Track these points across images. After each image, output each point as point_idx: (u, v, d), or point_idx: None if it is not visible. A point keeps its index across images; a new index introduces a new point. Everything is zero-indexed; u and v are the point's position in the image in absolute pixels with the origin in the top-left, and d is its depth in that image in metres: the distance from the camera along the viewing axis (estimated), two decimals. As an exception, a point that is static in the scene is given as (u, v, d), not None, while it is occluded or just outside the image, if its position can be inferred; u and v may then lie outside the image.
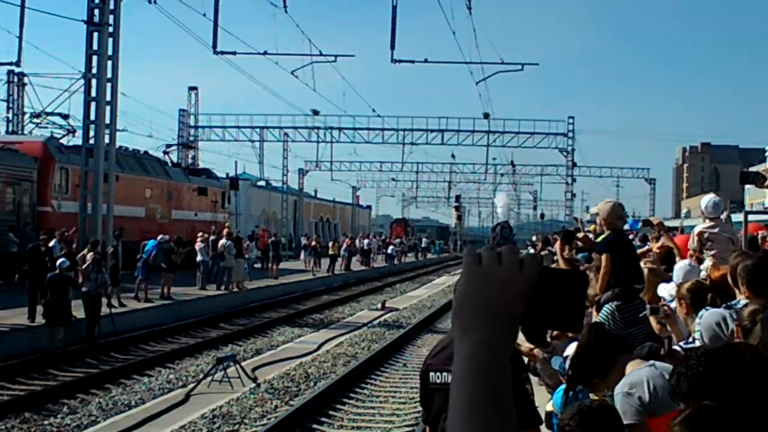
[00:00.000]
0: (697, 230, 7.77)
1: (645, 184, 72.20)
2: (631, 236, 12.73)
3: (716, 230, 7.59)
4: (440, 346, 4.14)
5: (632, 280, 6.74)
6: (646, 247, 10.91)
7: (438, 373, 3.89)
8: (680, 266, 6.43)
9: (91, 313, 16.81)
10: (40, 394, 12.29)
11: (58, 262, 15.96)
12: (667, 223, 10.84)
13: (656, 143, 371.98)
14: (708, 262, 7.25)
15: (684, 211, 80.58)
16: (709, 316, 4.16)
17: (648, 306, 5.26)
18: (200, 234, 27.17)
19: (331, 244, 41.81)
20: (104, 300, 17.65)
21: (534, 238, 33.01)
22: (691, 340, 4.41)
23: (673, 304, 5.23)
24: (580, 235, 9.64)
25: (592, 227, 15.37)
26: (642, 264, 7.32)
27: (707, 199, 7.95)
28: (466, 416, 1.04)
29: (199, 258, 26.04)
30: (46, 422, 10.83)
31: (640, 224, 11.78)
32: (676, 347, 4.33)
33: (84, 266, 17.11)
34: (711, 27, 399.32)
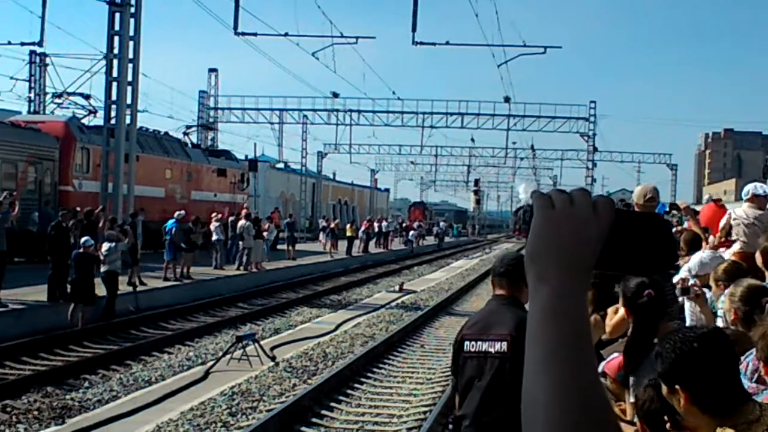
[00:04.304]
0: (742, 207, 7.53)
1: (666, 170, 71.58)
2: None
3: (760, 212, 7.38)
4: (475, 319, 4.45)
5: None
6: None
7: (473, 342, 4.19)
8: (699, 256, 6.20)
9: (111, 291, 16.94)
10: (62, 370, 12.45)
11: (83, 240, 16.03)
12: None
13: (678, 129, 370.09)
14: (736, 246, 7.17)
15: (705, 197, 79.80)
16: None
17: (679, 287, 5.19)
18: (214, 214, 27.30)
19: (348, 226, 41.92)
20: (125, 278, 17.74)
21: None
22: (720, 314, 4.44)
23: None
24: None
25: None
26: None
27: (753, 185, 7.77)
28: (549, 364, 0.98)
29: (214, 237, 26.18)
30: (68, 396, 10.97)
31: (668, 208, 11.60)
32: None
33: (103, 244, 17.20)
34: (736, 12, 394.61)
